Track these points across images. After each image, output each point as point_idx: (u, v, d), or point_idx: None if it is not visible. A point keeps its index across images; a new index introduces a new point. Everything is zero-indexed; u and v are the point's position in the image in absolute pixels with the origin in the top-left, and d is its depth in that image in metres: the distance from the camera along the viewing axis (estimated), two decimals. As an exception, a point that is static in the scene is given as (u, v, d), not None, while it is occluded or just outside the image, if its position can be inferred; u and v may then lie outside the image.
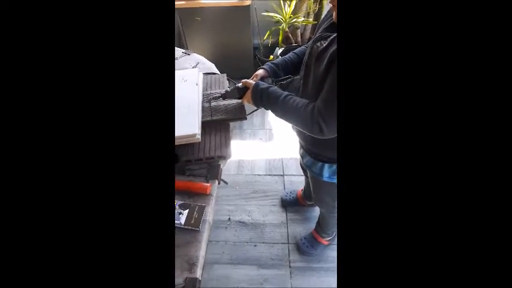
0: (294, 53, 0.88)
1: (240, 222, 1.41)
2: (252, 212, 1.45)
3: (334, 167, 0.82)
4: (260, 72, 0.84)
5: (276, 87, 0.76)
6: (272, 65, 0.85)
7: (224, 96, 0.85)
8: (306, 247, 1.26)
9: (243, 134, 1.81)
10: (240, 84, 0.81)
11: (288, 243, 1.32)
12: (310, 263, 1.25)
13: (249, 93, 0.77)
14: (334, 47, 0.59)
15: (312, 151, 0.85)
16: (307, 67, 0.70)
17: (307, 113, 0.65)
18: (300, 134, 0.84)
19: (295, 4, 1.81)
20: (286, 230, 1.37)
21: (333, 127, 0.63)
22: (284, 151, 1.69)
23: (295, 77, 0.80)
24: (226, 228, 1.39)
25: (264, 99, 0.74)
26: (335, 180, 0.85)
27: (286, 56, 0.88)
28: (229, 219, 1.42)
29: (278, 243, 1.33)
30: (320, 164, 0.83)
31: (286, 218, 1.41)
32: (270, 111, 0.75)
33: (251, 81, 0.79)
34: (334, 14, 0.63)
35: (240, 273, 1.24)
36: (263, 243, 1.33)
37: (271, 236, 1.35)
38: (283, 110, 0.71)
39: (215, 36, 1.90)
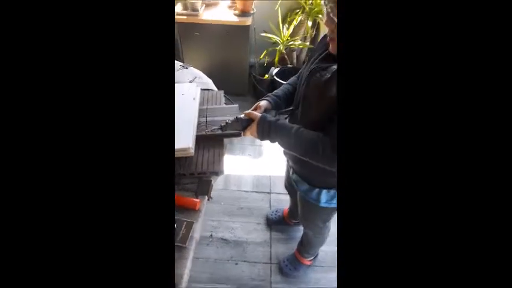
0: (289, 84, 0.89)
1: (223, 239, 1.38)
2: (235, 229, 1.43)
3: (332, 192, 0.83)
4: (264, 103, 0.82)
5: (283, 119, 0.74)
6: (275, 97, 0.85)
7: (224, 128, 0.79)
8: (288, 269, 1.24)
9: (233, 149, 1.81)
10: (242, 116, 0.77)
11: (271, 263, 1.31)
12: (292, 285, 1.24)
13: (254, 126, 0.74)
14: None
15: (308, 177, 0.84)
16: (307, 98, 0.71)
17: (326, 147, 0.64)
18: (295, 160, 0.84)
19: (293, 27, 1.88)
20: (269, 249, 1.35)
21: None
22: (272, 168, 1.70)
23: (296, 109, 0.79)
24: (208, 244, 1.36)
25: (272, 132, 0.71)
26: (333, 205, 0.85)
27: (283, 87, 0.89)
28: (211, 235, 1.39)
29: (260, 262, 1.31)
30: (317, 190, 0.83)
31: (270, 237, 1.40)
32: (274, 142, 0.74)
33: (256, 113, 0.75)
34: (332, 46, 0.65)
35: (219, 292, 1.20)
36: (245, 261, 1.31)
37: (254, 254, 1.33)
38: (296, 142, 0.69)
39: (212, 52, 1.94)
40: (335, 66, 0.63)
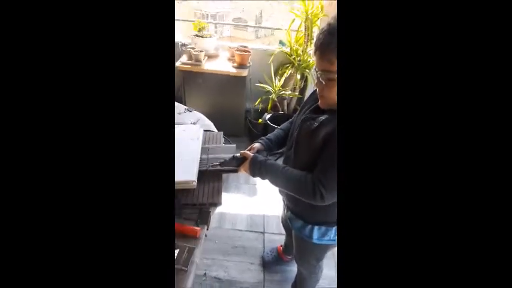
0: (281, 129, 1.02)
1: (216, 278, 1.37)
2: (229, 268, 1.42)
3: (323, 228, 0.89)
4: (257, 145, 0.96)
5: (272, 160, 0.87)
6: (267, 140, 0.97)
7: (222, 164, 0.93)
8: (281, 311, 1.22)
9: (228, 187, 1.87)
10: (238, 155, 0.90)
11: (264, 304, 1.28)
12: (285, 328, 1.21)
13: (247, 164, 0.86)
14: (325, 130, 0.72)
15: (302, 215, 0.91)
16: (298, 143, 0.83)
17: (308, 183, 0.74)
18: (289, 198, 0.91)
19: (284, 79, 2.12)
20: (262, 290, 1.34)
21: (333, 194, 0.73)
22: (266, 207, 1.74)
23: (287, 151, 0.91)
24: (201, 284, 1.34)
25: (262, 170, 0.83)
26: (324, 242, 0.91)
27: (276, 131, 1.02)
28: (205, 274, 1.38)
29: (253, 304, 1.28)
30: (310, 226, 0.90)
31: (264, 278, 1.39)
32: (265, 179, 0.84)
33: (249, 153, 0.88)
34: (320, 101, 0.77)
35: (210, 336, 1.16)
36: (238, 303, 1.28)
37: (247, 295, 1.31)
38: (283, 180, 0.81)
39: (213, 98, 2.13)
40: (322, 117, 0.75)
